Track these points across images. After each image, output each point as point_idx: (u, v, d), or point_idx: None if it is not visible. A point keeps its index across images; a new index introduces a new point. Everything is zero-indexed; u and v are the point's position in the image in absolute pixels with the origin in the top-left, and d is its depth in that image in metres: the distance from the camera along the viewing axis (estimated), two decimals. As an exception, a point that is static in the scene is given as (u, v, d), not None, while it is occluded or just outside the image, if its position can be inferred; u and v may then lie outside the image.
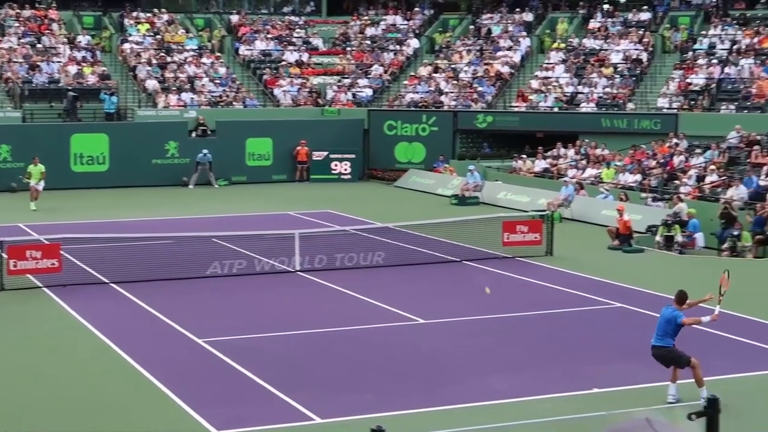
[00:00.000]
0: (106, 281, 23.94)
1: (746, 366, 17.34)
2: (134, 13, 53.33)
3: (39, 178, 35.99)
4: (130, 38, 51.23)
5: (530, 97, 46.13)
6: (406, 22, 55.62)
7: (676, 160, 36.75)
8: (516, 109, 45.91)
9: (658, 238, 29.04)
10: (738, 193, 31.56)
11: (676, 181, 34.78)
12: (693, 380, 15.30)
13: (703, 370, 15.26)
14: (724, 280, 15.92)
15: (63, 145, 41.98)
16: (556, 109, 45.18)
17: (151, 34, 51.91)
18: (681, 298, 15.81)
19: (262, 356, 18.02)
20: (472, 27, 54.15)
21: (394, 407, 15.16)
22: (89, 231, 28.64)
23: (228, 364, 17.44)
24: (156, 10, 54.16)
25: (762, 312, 20.97)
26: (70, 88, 45.27)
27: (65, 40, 50.15)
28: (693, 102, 42.82)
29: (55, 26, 51.03)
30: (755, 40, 46.31)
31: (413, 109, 47.08)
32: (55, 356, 18.33)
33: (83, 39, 50.31)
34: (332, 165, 45.02)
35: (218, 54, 51.74)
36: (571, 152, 40.98)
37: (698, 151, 36.83)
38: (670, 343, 15.43)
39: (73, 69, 47.13)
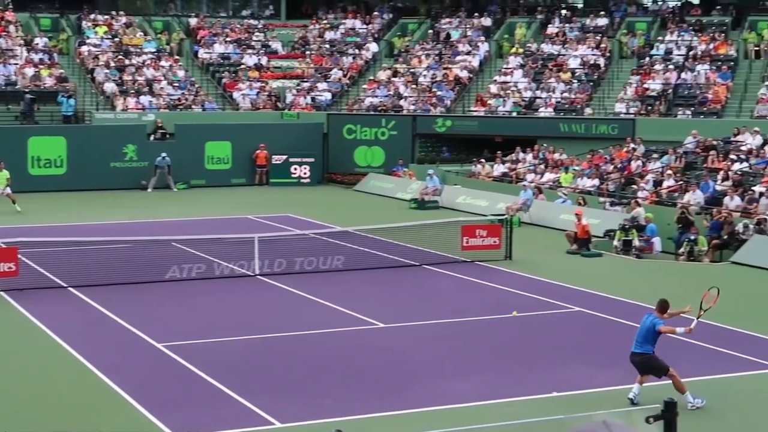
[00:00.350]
0: (64, 285, 23.76)
1: (703, 370, 17.49)
2: (92, 16, 53.02)
3: (5, 185, 35.83)
4: (87, 41, 50.93)
5: (489, 102, 46.32)
6: (365, 26, 55.69)
7: (634, 164, 37.03)
8: (475, 114, 46.09)
9: (615, 242, 29.25)
10: (695, 197, 31.86)
11: (634, 186, 35.05)
12: (657, 384, 15.44)
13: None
14: (708, 296, 16.00)
15: (20, 148, 41.67)
16: (514, 114, 45.40)
17: (109, 36, 51.63)
18: (662, 306, 15.93)
19: (222, 360, 17.96)
20: (431, 31, 54.31)
21: (354, 411, 15.18)
22: (47, 234, 28.44)
23: (187, 368, 17.37)
24: (114, 13, 53.88)
25: (717, 316, 21.13)
26: (27, 90, 44.90)
27: (22, 42, 49.75)
28: (650, 107, 43.20)
29: (12, 28, 50.59)
30: (711, 46, 46.81)
31: (372, 113, 47.14)
32: (12, 361, 18.17)
33: (40, 41, 49.96)
34: (292, 169, 44.96)
35: (177, 57, 51.54)
36: (529, 157, 41.19)
37: (655, 156, 37.15)
38: (649, 350, 15.55)
39: (30, 71, 46.78)
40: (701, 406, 15.34)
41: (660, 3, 53.50)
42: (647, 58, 47.07)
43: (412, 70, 50.35)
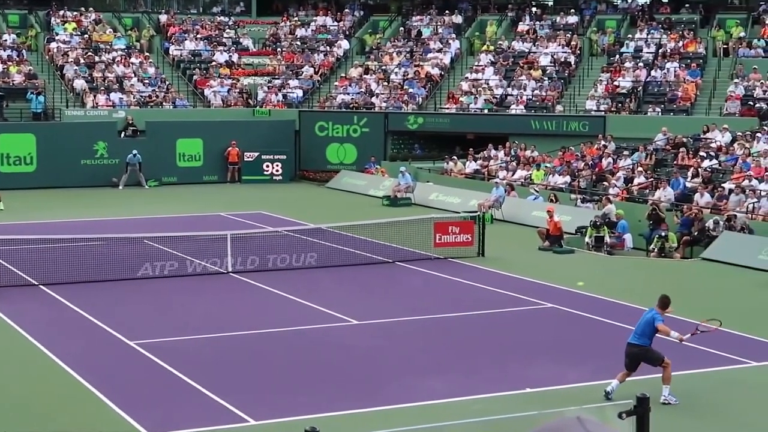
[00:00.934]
0: (35, 283, 23.64)
1: (675, 365, 17.56)
2: (61, 12, 52.75)
3: None
4: (57, 37, 50.67)
5: (460, 99, 46.41)
6: (336, 24, 55.67)
7: (605, 161, 37.21)
8: (446, 111, 46.16)
9: (587, 239, 29.38)
10: (665, 194, 32.05)
11: (605, 183, 35.21)
12: (631, 380, 15.57)
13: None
14: (708, 323, 16.27)
15: (-11, 146, 41.42)
16: (486, 111, 45.50)
17: (78, 33, 51.38)
18: (663, 303, 16.07)
19: (195, 358, 17.93)
20: (401, 29, 54.35)
21: (328, 408, 15.18)
22: (17, 232, 28.29)
23: (160, 367, 17.33)
24: (83, 9, 53.63)
25: (687, 312, 21.28)
26: (-5, 87, 44.64)
27: (-10, 38, 49.46)
28: (620, 104, 43.40)
29: (-20, 24, 50.30)
30: (680, 43, 47.09)
31: (344, 110, 47.12)
32: (-17, 359, 18.08)
33: (8, 37, 49.66)
34: (264, 166, 44.89)
35: (147, 54, 51.34)
36: (501, 154, 41.30)
37: (626, 153, 37.33)
38: (646, 343, 15.69)
39: (-2, 68, 46.49)
40: (673, 403, 15.46)
41: (629, 1, 53.75)
42: (617, 56, 47.30)
43: (383, 67, 50.37)
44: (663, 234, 28.54)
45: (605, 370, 17.16)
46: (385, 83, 48.89)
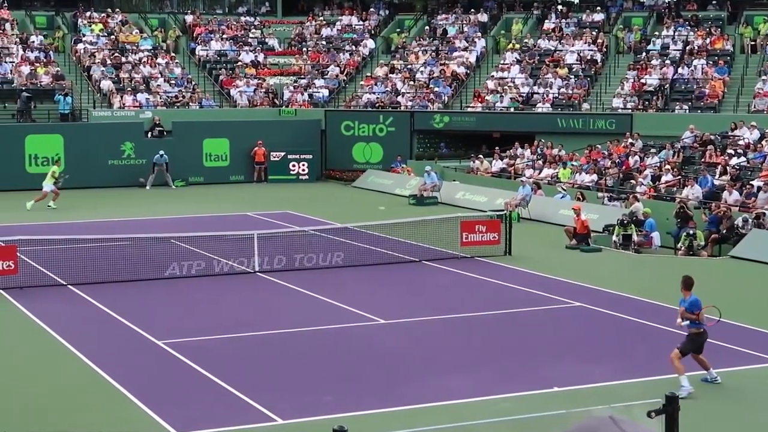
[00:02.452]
0: (64, 283, 23.76)
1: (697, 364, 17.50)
2: (87, 13, 53.00)
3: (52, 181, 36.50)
4: (83, 38, 50.91)
5: (486, 98, 46.33)
6: (361, 23, 55.69)
7: (632, 159, 37.05)
8: (472, 110, 46.09)
9: (615, 237, 29.26)
10: (693, 192, 31.87)
11: (632, 181, 35.06)
12: (660, 378, 15.52)
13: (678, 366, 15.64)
14: (708, 309, 16.31)
15: (17, 146, 41.70)
16: (512, 110, 45.40)
17: (105, 34, 51.61)
18: (687, 283, 16.34)
19: (222, 357, 17.97)
20: (427, 28, 54.30)
21: (354, 408, 15.18)
22: (45, 232, 28.45)
23: (188, 366, 17.38)
24: (109, 10, 53.85)
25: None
26: (23, 88, 44.87)
27: (18, 40, 49.74)
28: (647, 102, 43.21)
29: (7, 26, 50.59)
30: (707, 40, 46.84)
31: (370, 109, 47.12)
32: (12, 359, 18.17)
33: (36, 39, 49.92)
34: (290, 165, 44.97)
35: (173, 54, 51.51)
36: (527, 152, 41.20)
37: (653, 150, 37.16)
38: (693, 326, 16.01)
39: (26, 69, 46.75)
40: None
41: (656, -2, 53.54)
42: (644, 53, 47.09)
43: (409, 66, 50.35)
44: (691, 232, 28.39)
45: (633, 369, 17.11)
46: (411, 82, 48.85)
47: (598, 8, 52.58)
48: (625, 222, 29.21)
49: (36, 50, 48.98)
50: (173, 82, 48.65)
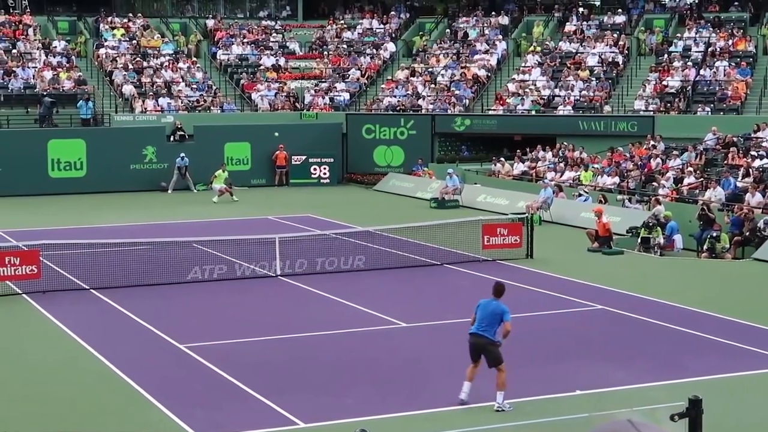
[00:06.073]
0: (86, 287, 23.83)
1: (726, 366, 17.42)
2: (109, 18, 53.22)
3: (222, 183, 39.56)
4: (105, 43, 51.11)
5: (508, 101, 46.26)
6: (382, 26, 55.71)
7: (654, 162, 36.91)
8: (493, 113, 46.03)
9: (639, 240, 29.12)
10: (715, 194, 31.72)
11: (654, 183, 34.92)
12: (682, 381, 15.38)
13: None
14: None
15: (40, 151, 41.87)
16: (533, 112, 45.32)
17: (127, 38, 51.81)
18: (500, 290, 15.74)
19: (244, 360, 17.97)
20: (448, 30, 54.26)
21: (376, 411, 15.17)
22: (68, 237, 28.53)
23: (209, 369, 17.40)
24: (131, 15, 54.04)
25: (741, 312, 21.07)
26: (46, 93, 45.09)
27: (40, 45, 50.00)
28: (669, 104, 43.05)
29: (30, 31, 50.87)
30: (729, 42, 46.64)
31: (391, 112, 47.13)
32: (34, 362, 18.23)
33: (58, 44, 50.16)
34: (311, 169, 45.01)
35: (195, 59, 51.66)
36: (549, 155, 41.11)
37: (675, 153, 37.01)
38: (494, 335, 15.32)
39: (48, 74, 46.98)
40: (507, 410, 15.10)
41: (677, 0, 53.31)
42: (665, 55, 46.94)
43: (430, 69, 50.34)
44: (715, 234, 28.24)
45: (656, 372, 17.03)
46: (432, 85, 48.84)
47: (620, 10, 52.44)
48: (650, 224, 29.08)
49: (58, 55, 49.21)
50: (195, 86, 48.80)
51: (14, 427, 14.90)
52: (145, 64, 49.68)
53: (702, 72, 44.79)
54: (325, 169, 45.08)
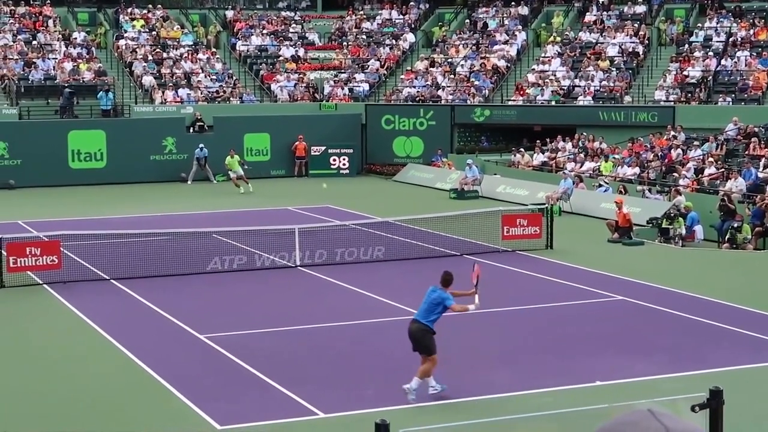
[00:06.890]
0: (107, 277, 23.92)
1: (748, 358, 17.35)
2: (129, 9, 53.30)
3: (235, 168, 39.57)
4: (125, 34, 51.20)
5: (527, 91, 46.13)
6: (401, 17, 55.61)
7: (674, 152, 36.76)
8: (513, 103, 45.92)
9: (660, 230, 29.02)
10: (736, 185, 31.58)
11: (675, 174, 34.78)
12: (703, 372, 15.33)
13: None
14: (475, 272, 15.97)
15: (60, 142, 42.01)
16: (553, 103, 45.19)
17: (147, 30, 51.88)
18: (447, 280, 15.57)
19: (264, 351, 18.01)
20: (467, 21, 54.12)
21: (395, 401, 15.16)
22: (88, 227, 28.66)
23: (229, 360, 17.44)
24: (151, 6, 54.12)
25: (762, 304, 20.98)
26: (66, 84, 45.22)
27: (60, 36, 50.14)
28: (690, 94, 42.84)
29: (50, 23, 51.02)
30: (751, 32, 46.36)
31: (410, 103, 47.08)
32: (56, 353, 18.32)
33: (78, 35, 50.26)
34: (331, 160, 45.02)
35: (214, 50, 51.70)
36: (569, 145, 40.99)
37: (696, 143, 36.84)
38: (432, 325, 15.30)
39: (68, 65, 47.10)
40: (439, 391, 15.18)
41: (699, -11, 53.04)
42: (686, 45, 46.69)
43: (449, 60, 50.24)
44: (736, 225, 28.12)
45: (676, 363, 16.98)
46: (452, 76, 48.75)
47: (640, 0, 52.19)
48: (672, 215, 28.97)
49: (78, 47, 49.32)
50: (214, 77, 48.85)
51: (31, 421, 14.98)
52: (164, 55, 49.76)
53: (723, 62, 44.56)
54: (344, 159, 45.08)
